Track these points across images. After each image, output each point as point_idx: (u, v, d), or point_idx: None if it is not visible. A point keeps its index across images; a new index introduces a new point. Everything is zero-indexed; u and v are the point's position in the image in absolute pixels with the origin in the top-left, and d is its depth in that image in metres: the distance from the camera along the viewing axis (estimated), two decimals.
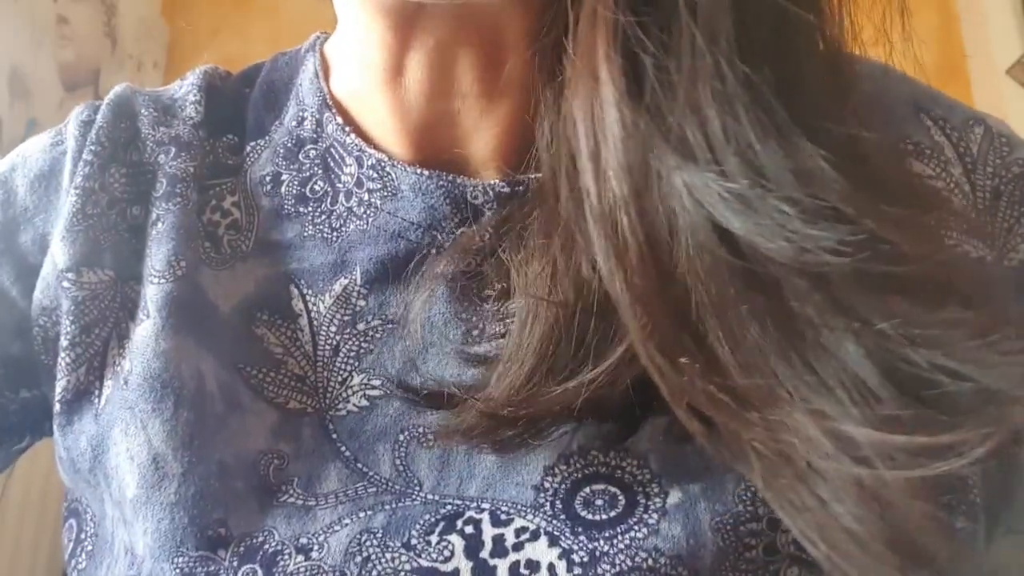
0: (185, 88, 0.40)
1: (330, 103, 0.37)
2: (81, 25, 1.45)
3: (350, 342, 0.34)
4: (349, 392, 0.33)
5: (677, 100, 0.27)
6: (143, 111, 0.38)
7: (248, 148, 0.38)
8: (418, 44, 0.33)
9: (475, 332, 0.33)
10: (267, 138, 0.38)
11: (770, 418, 0.26)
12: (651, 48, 0.27)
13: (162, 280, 0.34)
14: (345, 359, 0.34)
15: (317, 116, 0.38)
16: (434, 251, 0.34)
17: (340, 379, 0.34)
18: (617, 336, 0.29)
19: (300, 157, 0.37)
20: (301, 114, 0.38)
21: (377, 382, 0.33)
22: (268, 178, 0.37)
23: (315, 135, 0.37)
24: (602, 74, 0.28)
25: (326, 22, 0.42)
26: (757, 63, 0.27)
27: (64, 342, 0.34)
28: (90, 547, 0.35)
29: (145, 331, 0.34)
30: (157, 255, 0.35)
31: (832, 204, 0.26)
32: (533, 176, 0.33)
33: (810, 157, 0.26)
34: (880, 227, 0.26)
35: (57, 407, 0.34)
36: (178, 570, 0.30)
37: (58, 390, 0.34)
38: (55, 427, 0.35)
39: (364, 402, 0.33)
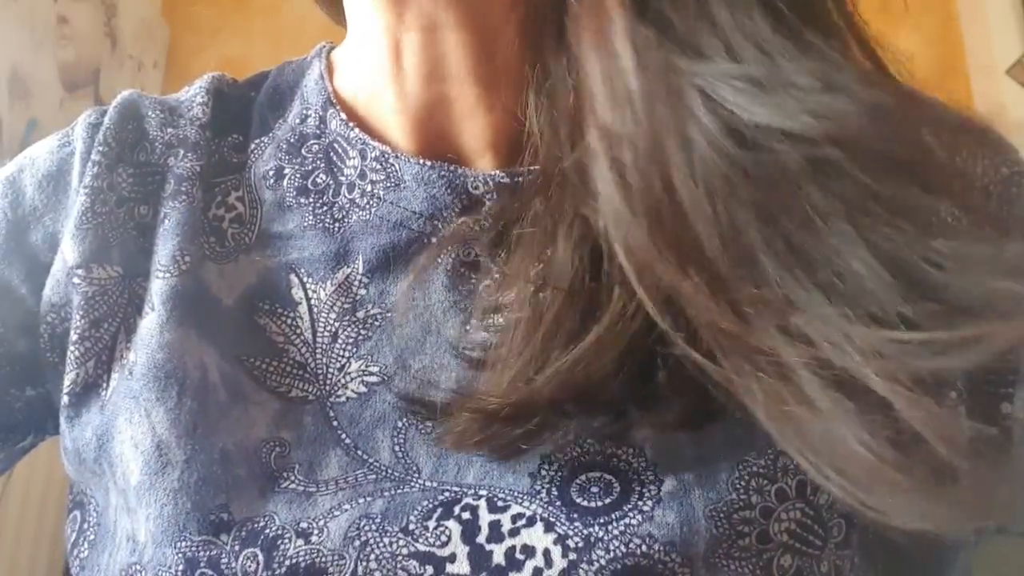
0: (192, 92, 0.40)
1: (334, 100, 0.38)
2: (81, 25, 1.45)
3: (349, 329, 0.34)
4: (347, 379, 0.34)
5: (688, 9, 0.27)
6: (150, 113, 0.39)
7: (252, 145, 0.39)
8: (410, 25, 0.35)
9: (473, 321, 0.33)
10: (271, 135, 0.39)
11: (773, 330, 0.25)
12: None
13: (167, 275, 0.35)
14: (343, 345, 0.34)
15: (321, 113, 0.38)
16: (435, 240, 0.35)
17: (338, 365, 0.34)
18: (593, 320, 0.29)
19: (303, 152, 0.38)
20: (305, 111, 0.39)
21: (375, 369, 0.34)
22: (271, 172, 0.38)
23: (318, 131, 0.38)
24: (609, 4, 0.28)
25: (327, 22, 0.42)
26: None
27: (74, 336, 0.35)
28: (92, 536, 0.35)
29: (150, 323, 0.34)
30: (163, 251, 0.35)
31: (849, 83, 0.25)
32: (533, 168, 0.33)
33: (821, 48, 0.26)
34: (896, 105, 0.25)
35: (65, 399, 0.35)
36: (181, 555, 0.31)
37: (67, 383, 0.35)
38: (62, 420, 0.35)
39: (362, 388, 0.34)
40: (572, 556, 0.29)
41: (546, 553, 0.29)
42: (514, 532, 0.30)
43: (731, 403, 0.28)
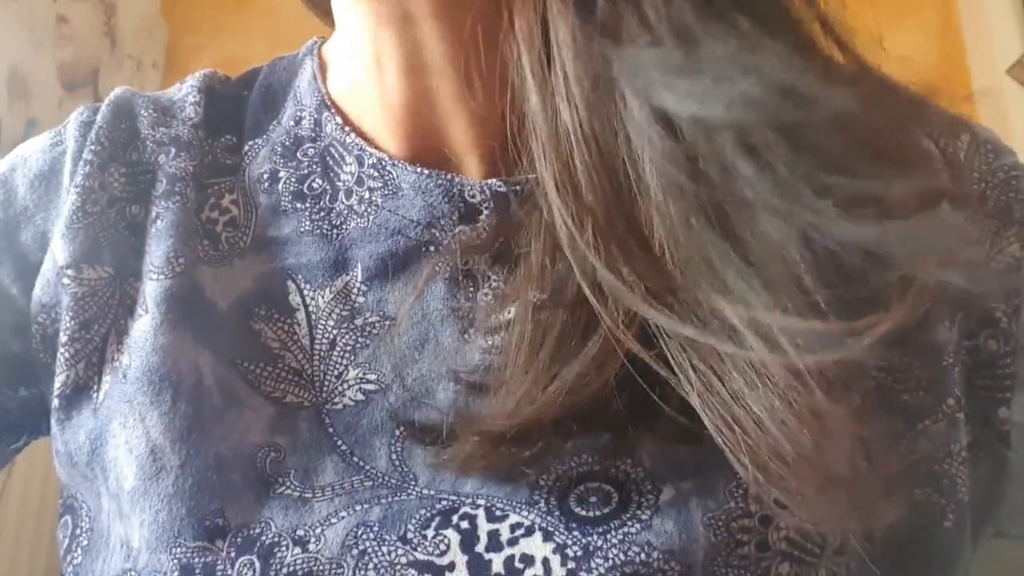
0: (184, 90, 0.40)
1: (328, 103, 0.38)
2: (81, 25, 1.45)
3: (347, 336, 0.34)
4: (345, 386, 0.34)
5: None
6: (143, 112, 0.39)
7: (246, 147, 0.39)
8: (386, 18, 0.34)
9: (471, 330, 0.33)
10: (265, 137, 0.39)
11: (702, 314, 0.26)
12: None
13: (161, 276, 0.35)
14: (341, 353, 0.34)
15: (316, 116, 0.38)
16: (433, 248, 0.34)
17: (336, 373, 0.34)
18: (591, 331, 0.29)
19: (298, 155, 0.38)
20: (299, 114, 0.38)
21: (373, 377, 0.34)
22: (266, 175, 0.38)
23: (313, 134, 0.38)
24: None
25: (325, 24, 0.42)
26: None
27: (63, 338, 0.34)
28: (86, 542, 0.35)
29: (143, 326, 0.34)
30: (156, 252, 0.35)
31: (764, 66, 0.26)
32: (531, 176, 0.33)
33: (749, 31, 0.26)
34: (808, 82, 0.25)
35: (56, 402, 0.35)
36: (176, 560, 0.31)
37: (57, 385, 0.35)
38: (53, 422, 0.35)
39: (360, 396, 0.33)
40: (571, 565, 0.29)
41: (545, 562, 0.29)
42: (513, 541, 0.30)
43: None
